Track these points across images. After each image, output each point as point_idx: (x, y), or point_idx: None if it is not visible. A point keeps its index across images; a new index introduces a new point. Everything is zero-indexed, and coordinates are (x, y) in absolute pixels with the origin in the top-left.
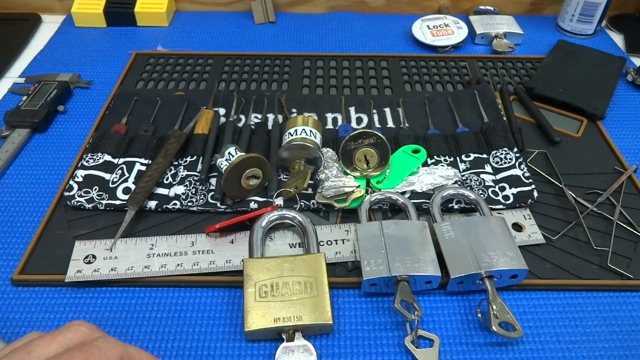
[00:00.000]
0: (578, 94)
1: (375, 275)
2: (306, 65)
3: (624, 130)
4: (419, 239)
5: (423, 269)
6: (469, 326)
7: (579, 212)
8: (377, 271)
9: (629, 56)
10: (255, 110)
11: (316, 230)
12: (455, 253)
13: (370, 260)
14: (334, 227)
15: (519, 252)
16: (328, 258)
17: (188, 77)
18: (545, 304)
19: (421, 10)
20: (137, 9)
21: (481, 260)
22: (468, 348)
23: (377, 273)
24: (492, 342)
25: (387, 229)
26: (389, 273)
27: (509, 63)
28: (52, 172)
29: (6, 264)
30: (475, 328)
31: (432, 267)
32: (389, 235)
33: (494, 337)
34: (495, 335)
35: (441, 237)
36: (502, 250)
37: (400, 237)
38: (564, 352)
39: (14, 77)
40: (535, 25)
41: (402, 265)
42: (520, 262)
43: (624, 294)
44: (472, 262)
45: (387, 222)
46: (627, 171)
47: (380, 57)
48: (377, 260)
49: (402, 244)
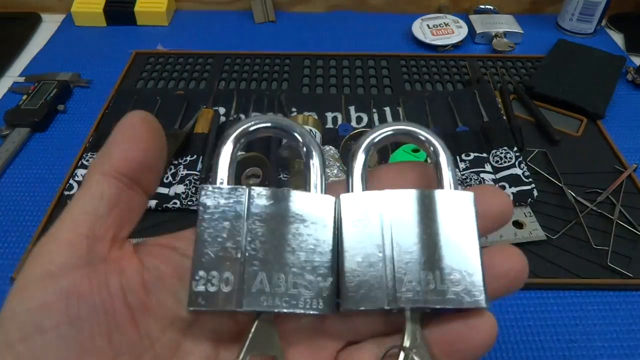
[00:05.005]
0: (578, 93)
1: (210, 305)
2: (306, 64)
3: (623, 130)
4: (311, 233)
5: (300, 299)
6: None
7: (579, 211)
8: (213, 297)
9: (629, 55)
10: (255, 109)
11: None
12: (362, 263)
13: (208, 271)
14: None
15: (481, 272)
16: None
17: (188, 76)
18: (545, 303)
19: (421, 10)
20: (137, 8)
21: (406, 284)
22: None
23: (212, 301)
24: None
25: (258, 205)
26: (236, 305)
27: (509, 62)
28: (52, 171)
29: (6, 263)
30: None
31: (316, 295)
32: (259, 219)
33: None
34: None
35: (346, 226)
36: (454, 265)
37: (279, 225)
38: (563, 352)
39: (14, 76)
40: (535, 25)
41: (267, 290)
42: (478, 293)
43: (623, 293)
44: (387, 287)
45: (263, 191)
46: (627, 170)
47: (380, 56)
48: (221, 273)
49: (278, 241)
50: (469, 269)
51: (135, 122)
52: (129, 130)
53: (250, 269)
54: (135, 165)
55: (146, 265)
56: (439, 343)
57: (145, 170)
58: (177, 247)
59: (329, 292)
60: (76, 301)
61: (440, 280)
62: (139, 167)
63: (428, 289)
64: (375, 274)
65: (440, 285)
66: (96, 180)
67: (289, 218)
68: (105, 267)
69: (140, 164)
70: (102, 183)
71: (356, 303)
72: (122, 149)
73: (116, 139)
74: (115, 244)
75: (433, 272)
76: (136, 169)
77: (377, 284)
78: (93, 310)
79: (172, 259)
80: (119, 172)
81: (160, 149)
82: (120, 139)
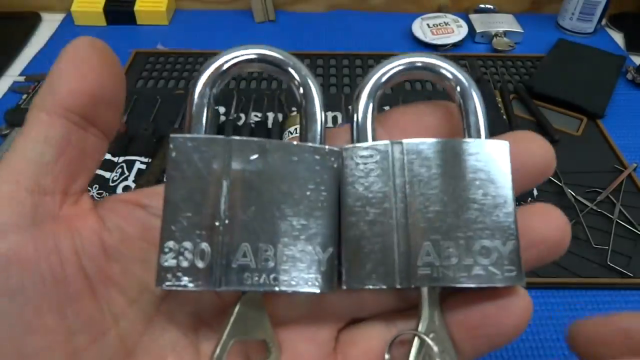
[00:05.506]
0: (578, 92)
1: (181, 284)
2: (306, 63)
3: (623, 129)
4: (306, 193)
5: (292, 275)
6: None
7: (579, 211)
8: (185, 273)
9: (629, 55)
10: (255, 108)
11: None
12: (368, 231)
13: (180, 241)
14: None
15: (516, 240)
16: None
17: (188, 75)
18: (545, 302)
19: (421, 9)
20: (137, 7)
21: (422, 257)
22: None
23: (184, 278)
24: None
25: (241, 160)
26: (214, 284)
27: (508, 62)
28: None
29: None
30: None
31: (313, 269)
32: (242, 177)
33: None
34: None
35: (349, 185)
36: (483, 233)
37: (266, 184)
38: (564, 351)
39: (14, 75)
40: (535, 24)
41: (252, 265)
42: (512, 267)
43: (623, 292)
44: (399, 261)
45: (247, 142)
46: (627, 169)
47: (380, 55)
48: (195, 244)
49: (265, 204)
50: (501, 237)
51: (81, 48)
52: (74, 58)
53: (231, 239)
54: (86, 99)
55: (107, 226)
56: (462, 326)
57: (99, 105)
58: (147, 205)
59: (328, 266)
60: (18, 269)
61: (465, 251)
62: (90, 101)
63: (450, 264)
64: (384, 245)
65: (465, 258)
66: (38, 121)
67: (279, 175)
68: (54, 227)
69: (93, 97)
70: (46, 123)
71: (361, 280)
72: (68, 80)
73: (60, 69)
74: (67, 199)
75: (456, 241)
76: (88, 105)
77: (387, 257)
78: (40, 281)
79: (141, 219)
80: (66, 108)
81: (116, 80)
82: (65, 69)
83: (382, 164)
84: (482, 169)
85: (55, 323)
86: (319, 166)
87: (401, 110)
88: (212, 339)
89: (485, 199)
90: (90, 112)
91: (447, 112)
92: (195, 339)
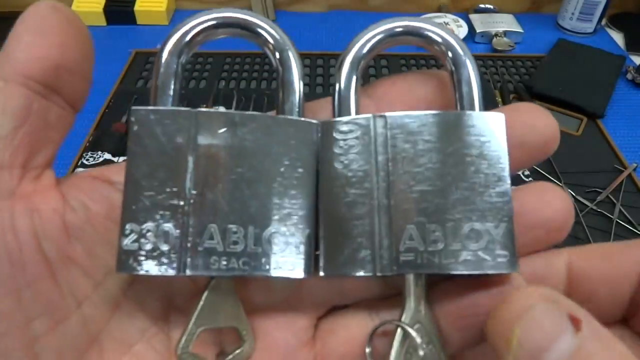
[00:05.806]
0: (578, 92)
1: (143, 268)
2: (306, 63)
3: (623, 129)
4: (280, 170)
5: (264, 259)
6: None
7: (579, 211)
8: (148, 257)
9: (629, 54)
10: (255, 109)
11: None
12: (346, 213)
13: (142, 222)
14: None
15: (509, 223)
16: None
17: (188, 75)
18: None
19: (421, 9)
20: (137, 7)
21: (405, 241)
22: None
23: (146, 262)
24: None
25: (208, 134)
26: (178, 269)
27: (508, 61)
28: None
29: None
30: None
31: (287, 253)
32: (209, 152)
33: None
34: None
35: (327, 163)
36: (473, 215)
37: (236, 160)
38: None
39: None
40: (535, 24)
41: (220, 248)
42: (505, 253)
43: None
44: (380, 246)
45: (214, 115)
46: (627, 169)
47: (380, 55)
48: (158, 225)
49: (235, 182)
50: (494, 219)
51: (42, 12)
52: (34, 23)
53: (197, 220)
54: (49, 65)
55: (71, 203)
56: (451, 316)
57: (64, 73)
58: (115, 182)
59: (304, 250)
60: None
61: (452, 235)
62: (54, 68)
63: (435, 249)
64: (364, 228)
65: (452, 243)
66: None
67: (250, 150)
68: (11, 204)
69: (56, 64)
70: (4, 92)
71: (339, 267)
72: (28, 45)
73: (19, 33)
74: (27, 174)
75: (443, 225)
76: (51, 72)
77: (367, 241)
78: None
79: (107, 196)
80: (25, 75)
81: (81, 46)
82: (25, 33)
83: (363, 139)
84: (473, 144)
85: (12, 307)
86: (294, 140)
87: (391, 80)
88: (183, 323)
89: (477, 177)
90: (53, 80)
91: (440, 82)
92: (165, 326)
